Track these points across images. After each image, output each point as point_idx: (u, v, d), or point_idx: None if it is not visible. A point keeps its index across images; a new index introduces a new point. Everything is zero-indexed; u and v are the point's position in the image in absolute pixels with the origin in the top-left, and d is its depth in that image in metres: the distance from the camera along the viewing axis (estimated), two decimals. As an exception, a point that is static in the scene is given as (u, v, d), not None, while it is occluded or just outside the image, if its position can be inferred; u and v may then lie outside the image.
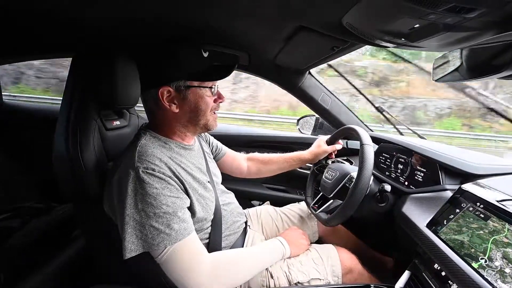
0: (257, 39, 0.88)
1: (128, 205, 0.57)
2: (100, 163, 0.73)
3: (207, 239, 0.73)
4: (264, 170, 1.07)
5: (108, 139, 0.78)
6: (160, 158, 0.62)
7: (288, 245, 0.77)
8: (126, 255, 0.56)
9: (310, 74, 1.21)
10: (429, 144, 0.89)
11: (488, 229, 0.52)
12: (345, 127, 0.96)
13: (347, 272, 0.78)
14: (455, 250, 0.53)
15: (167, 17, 0.69)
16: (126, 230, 0.56)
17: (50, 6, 0.64)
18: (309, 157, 1.03)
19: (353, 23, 0.58)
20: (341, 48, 0.80)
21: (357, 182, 0.72)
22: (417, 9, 0.40)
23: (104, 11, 0.66)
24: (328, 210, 0.87)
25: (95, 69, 0.72)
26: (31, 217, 1.13)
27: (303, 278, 0.73)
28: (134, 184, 0.57)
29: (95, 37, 0.85)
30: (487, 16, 0.38)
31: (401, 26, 0.48)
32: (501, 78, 0.47)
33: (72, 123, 0.70)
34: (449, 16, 0.39)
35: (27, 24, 0.76)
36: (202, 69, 0.68)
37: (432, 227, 0.62)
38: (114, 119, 0.84)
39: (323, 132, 1.35)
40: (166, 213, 0.57)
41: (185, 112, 0.68)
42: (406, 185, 0.85)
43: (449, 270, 0.52)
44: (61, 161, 0.70)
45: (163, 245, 0.56)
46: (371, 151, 0.74)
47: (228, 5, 0.62)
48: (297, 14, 0.64)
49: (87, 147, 0.70)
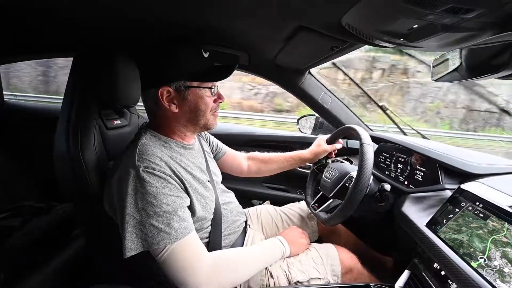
0: (257, 39, 0.88)
1: (128, 204, 0.57)
2: (101, 163, 0.73)
3: (207, 238, 0.73)
4: (264, 169, 1.07)
5: (109, 139, 0.79)
6: (160, 157, 0.62)
7: (288, 245, 0.77)
8: (126, 254, 0.56)
9: (310, 73, 1.21)
10: (429, 143, 0.89)
11: (488, 229, 0.52)
12: (345, 127, 0.96)
13: (347, 271, 0.78)
14: (454, 249, 0.53)
15: (167, 17, 0.69)
16: (126, 229, 0.56)
17: (50, 6, 0.64)
18: (309, 156, 1.03)
19: (352, 23, 0.58)
20: (340, 48, 0.80)
21: (357, 181, 0.72)
22: (415, 10, 0.40)
23: (104, 11, 0.66)
24: (327, 210, 0.87)
25: (96, 69, 0.72)
26: (31, 217, 1.13)
27: (303, 277, 0.73)
28: (134, 183, 0.57)
29: (95, 37, 0.85)
30: (485, 16, 0.39)
31: (400, 26, 0.49)
32: (500, 78, 0.47)
33: (73, 123, 0.71)
34: (447, 17, 0.40)
35: (28, 23, 0.76)
36: (202, 70, 0.68)
37: (431, 226, 0.62)
38: (115, 118, 0.84)
39: (323, 132, 1.35)
40: (166, 212, 0.58)
41: (184, 112, 0.68)
42: (405, 185, 0.85)
43: (449, 269, 0.52)
44: (62, 161, 0.71)
45: (163, 244, 0.57)
46: (370, 150, 0.74)
47: (228, 5, 0.62)
48: (296, 14, 0.64)
49: (88, 146, 0.70)
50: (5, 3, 0.62)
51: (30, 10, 0.66)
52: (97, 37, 0.84)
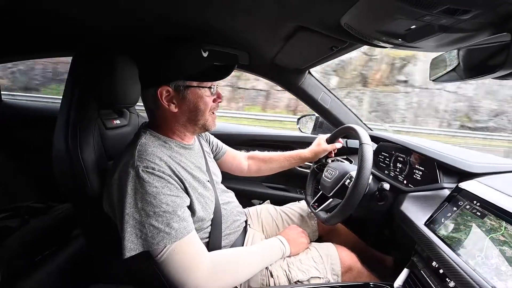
0: (257, 39, 0.88)
1: (127, 204, 0.57)
2: (100, 162, 0.73)
3: (207, 238, 0.73)
4: (265, 169, 1.07)
5: (108, 138, 0.79)
6: (160, 157, 0.62)
7: (288, 244, 0.77)
8: (126, 254, 0.56)
9: (309, 73, 1.22)
10: (427, 142, 0.89)
11: (486, 227, 0.52)
12: (345, 126, 0.97)
13: (347, 270, 0.78)
14: (452, 247, 0.54)
15: (166, 16, 0.69)
16: (125, 229, 0.56)
17: (50, 6, 0.64)
18: (309, 156, 1.04)
19: (351, 24, 0.58)
20: (340, 48, 0.81)
21: (356, 181, 0.72)
22: (412, 11, 0.40)
23: (103, 10, 0.66)
24: (327, 209, 0.87)
25: (95, 68, 0.72)
26: (30, 217, 1.13)
27: (303, 276, 0.74)
28: (134, 183, 0.57)
29: (95, 36, 0.85)
30: (481, 17, 0.39)
31: (398, 27, 0.49)
32: (496, 78, 0.47)
33: (72, 123, 0.71)
34: (444, 18, 0.40)
35: (27, 23, 0.76)
36: (201, 69, 0.68)
37: (430, 225, 0.63)
38: (114, 118, 0.84)
39: (322, 131, 1.36)
40: (166, 212, 0.58)
41: (183, 112, 0.68)
42: (404, 184, 0.85)
43: (447, 267, 0.52)
44: (61, 161, 0.71)
45: (163, 244, 0.57)
46: (370, 150, 0.74)
47: (228, 5, 0.63)
48: (296, 14, 0.64)
49: (87, 146, 0.70)
50: (5, 2, 0.61)
51: (30, 9, 0.66)
52: (97, 36, 0.84)
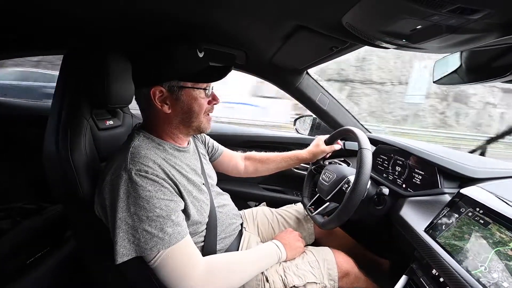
0: (255, 38, 0.86)
1: (120, 208, 0.55)
2: (91, 164, 0.71)
3: (202, 242, 0.71)
4: (262, 169, 1.06)
5: (101, 139, 0.76)
6: (153, 160, 0.60)
7: (284, 249, 0.76)
8: (118, 260, 0.54)
9: (308, 74, 1.20)
10: (426, 146, 0.88)
11: (493, 239, 0.50)
12: (344, 128, 0.95)
13: (344, 275, 0.77)
14: (453, 256, 0.52)
15: (162, 14, 0.67)
16: (118, 234, 0.54)
17: (41, 2, 0.61)
18: (307, 156, 1.02)
19: (353, 23, 0.56)
20: (340, 48, 0.79)
21: (354, 187, 0.70)
22: (420, 10, 0.39)
23: (96, 6, 0.63)
24: (324, 213, 0.86)
25: (87, 67, 0.70)
26: (22, 218, 1.10)
27: (299, 281, 0.72)
28: (126, 187, 0.55)
29: (87, 34, 0.82)
30: (492, 18, 0.37)
31: (403, 27, 0.47)
32: (505, 82, 0.46)
33: (63, 122, 0.68)
34: (453, 18, 0.38)
35: (19, 21, 0.74)
36: (196, 70, 0.65)
37: (430, 231, 0.61)
38: (107, 118, 0.82)
39: (320, 133, 1.34)
40: (159, 216, 0.56)
41: (177, 114, 0.66)
42: (403, 188, 0.84)
43: (448, 276, 0.51)
44: (51, 161, 0.68)
45: (156, 249, 0.55)
46: (369, 156, 0.72)
47: (226, 3, 0.60)
48: (296, 13, 0.62)
49: (77, 147, 0.68)
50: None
51: (24, 6, 0.63)
52: (89, 33, 0.82)
